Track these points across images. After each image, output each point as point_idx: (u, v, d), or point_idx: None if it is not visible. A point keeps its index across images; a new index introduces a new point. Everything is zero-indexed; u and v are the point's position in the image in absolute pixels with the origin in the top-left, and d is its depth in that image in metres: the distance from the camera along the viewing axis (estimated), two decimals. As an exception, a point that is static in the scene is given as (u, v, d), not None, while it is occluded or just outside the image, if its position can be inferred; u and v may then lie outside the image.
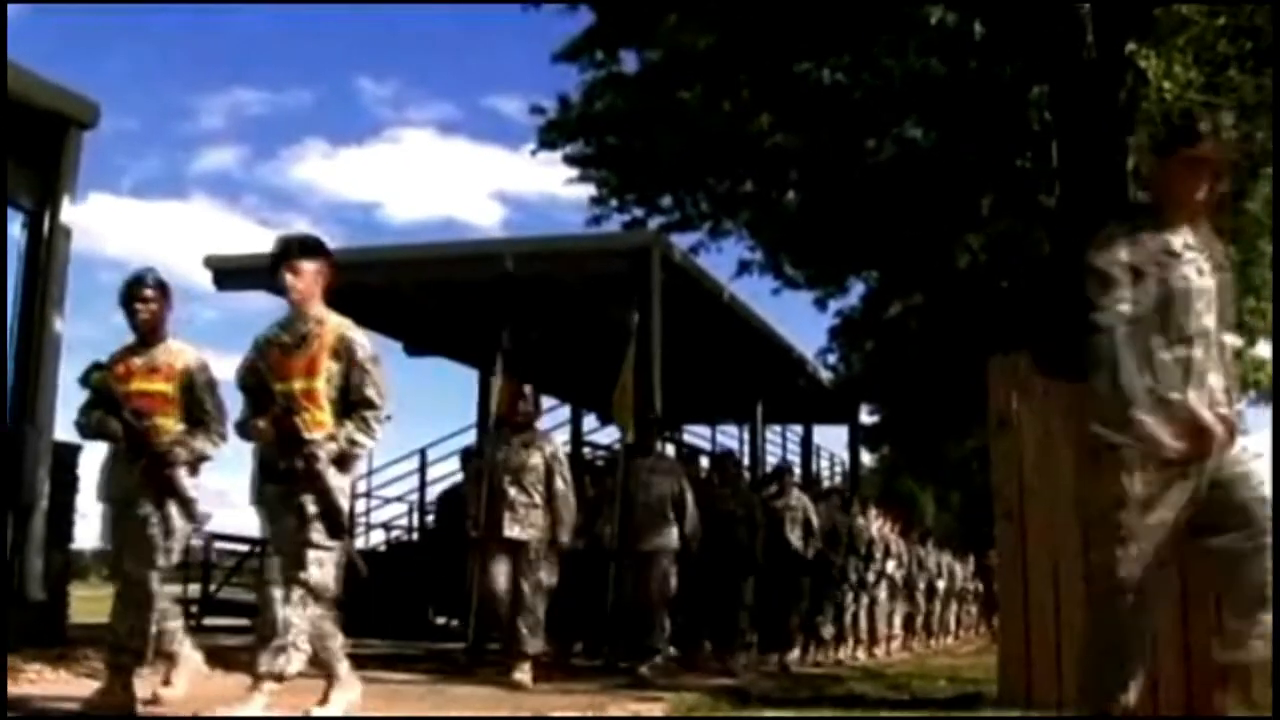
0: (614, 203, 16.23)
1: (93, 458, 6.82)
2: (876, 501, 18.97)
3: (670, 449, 10.83)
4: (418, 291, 15.16)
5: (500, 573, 8.91)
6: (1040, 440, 7.09)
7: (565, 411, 20.46)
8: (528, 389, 9.64)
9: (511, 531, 8.87)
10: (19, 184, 9.68)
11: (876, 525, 16.19)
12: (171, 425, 6.12)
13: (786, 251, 17.47)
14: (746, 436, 21.69)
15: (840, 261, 17.91)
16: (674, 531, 10.07)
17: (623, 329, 14.31)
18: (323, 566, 5.44)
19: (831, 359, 22.44)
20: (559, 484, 9.00)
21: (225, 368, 6.18)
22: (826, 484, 23.18)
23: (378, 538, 19.16)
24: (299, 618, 5.34)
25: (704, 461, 13.87)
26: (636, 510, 10.07)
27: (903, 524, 17.29)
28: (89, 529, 9.46)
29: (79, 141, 9.99)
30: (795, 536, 12.42)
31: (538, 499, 8.96)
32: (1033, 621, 7.07)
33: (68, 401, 8.54)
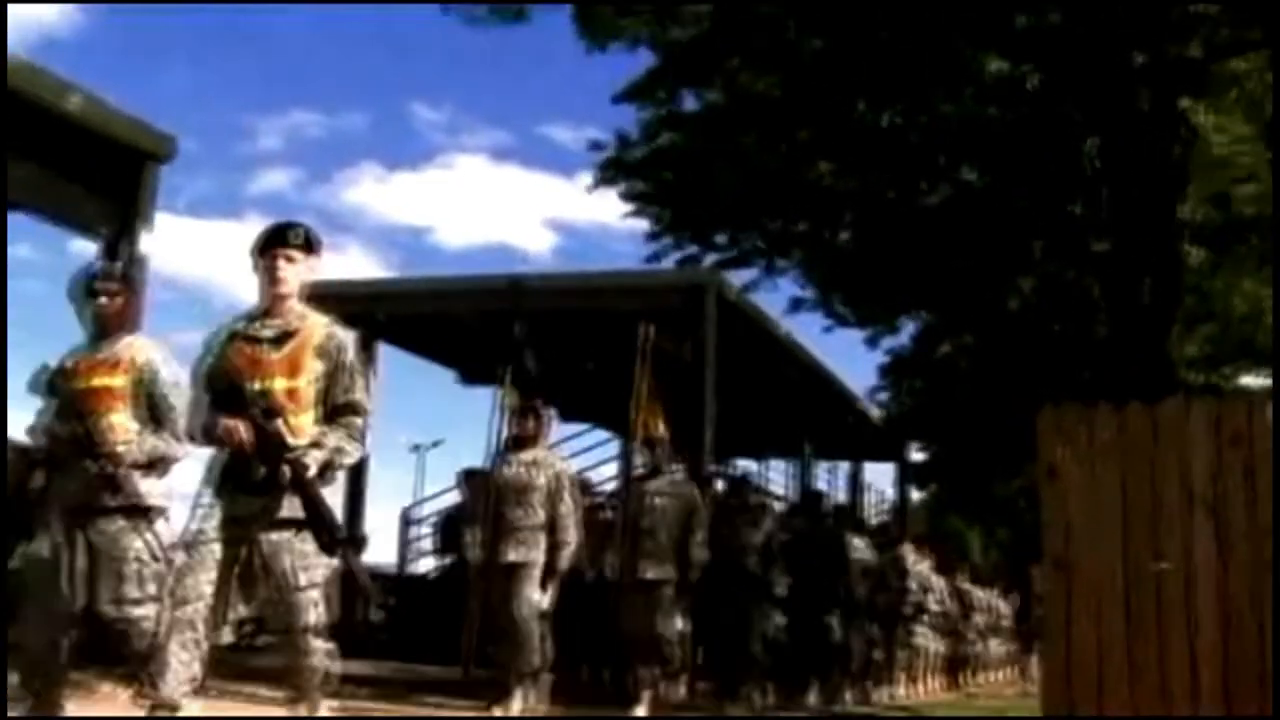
0: (669, 239, 16.46)
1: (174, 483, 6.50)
2: (914, 538, 18.99)
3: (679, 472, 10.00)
4: (473, 321, 15.41)
5: (502, 596, 8.37)
6: (1087, 489, 7.21)
7: (616, 445, 20.65)
8: (538, 403, 9.07)
9: (511, 555, 8.36)
10: (97, 214, 10.03)
11: (912, 560, 16.18)
12: (124, 423, 5.53)
13: (838, 290, 17.66)
14: (796, 472, 21.81)
15: (891, 301, 18.08)
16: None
17: (676, 363, 14.57)
18: (320, 603, 4.86)
19: (881, 396, 22.63)
20: (561, 506, 8.44)
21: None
22: (874, 521, 23.26)
23: (428, 564, 19.38)
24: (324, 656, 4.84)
25: (719, 484, 12.95)
26: (640, 538, 9.33)
27: (940, 559, 17.23)
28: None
29: (156, 174, 10.31)
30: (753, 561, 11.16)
31: (540, 521, 8.42)
32: (1075, 663, 7.19)
33: None
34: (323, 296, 16.40)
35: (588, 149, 16.09)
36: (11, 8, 9.34)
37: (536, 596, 8.24)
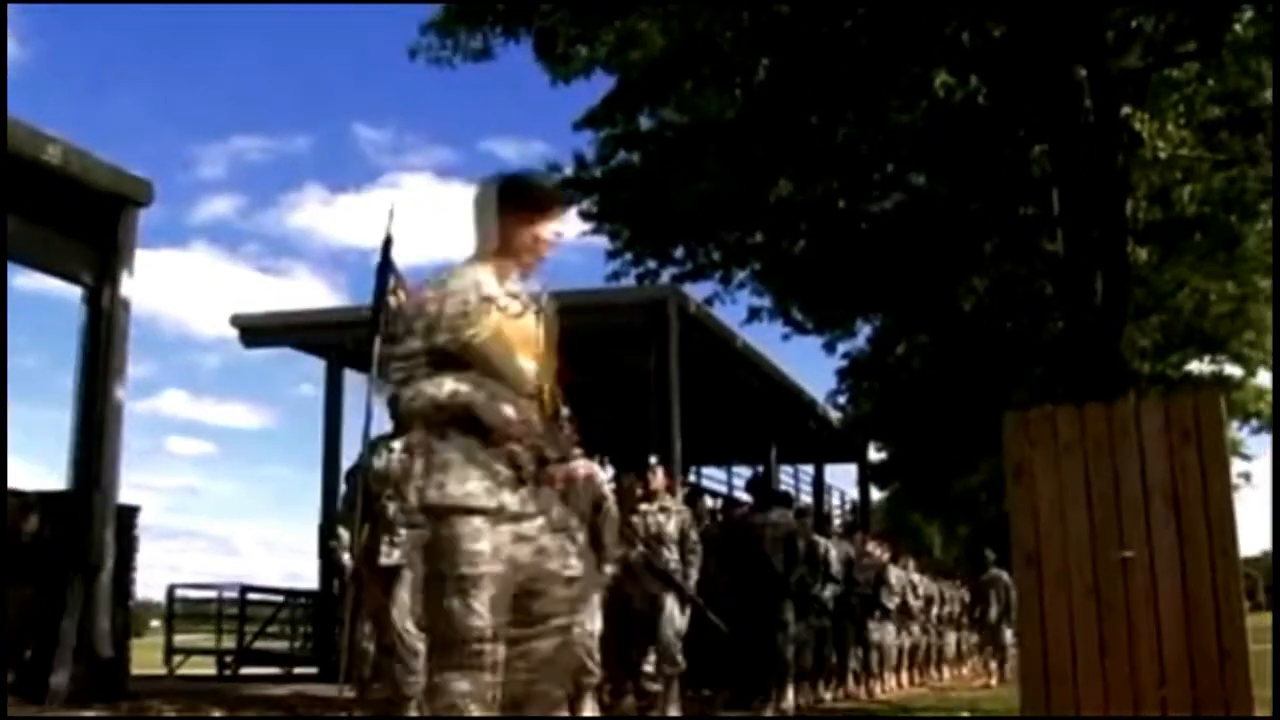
0: (628, 255, 16.77)
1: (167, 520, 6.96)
2: (875, 534, 19.19)
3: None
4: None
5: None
6: (1052, 486, 7.60)
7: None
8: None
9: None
10: (79, 260, 10.27)
11: (876, 555, 16.37)
12: None
13: (795, 298, 18.03)
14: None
15: (847, 305, 18.47)
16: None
17: (640, 377, 14.92)
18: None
19: (841, 400, 23.07)
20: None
21: (232, 413, 6.17)
22: (838, 520, 23.66)
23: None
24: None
25: (709, 501, 13.39)
26: None
27: (892, 550, 17.39)
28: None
29: (135, 218, 10.55)
30: (775, 559, 11.15)
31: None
32: (1051, 656, 7.57)
33: (130, 465, 8.81)
34: (289, 326, 16.64)
35: (547, 170, 16.37)
36: None
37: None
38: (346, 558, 7.92)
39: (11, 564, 9.47)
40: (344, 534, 8.13)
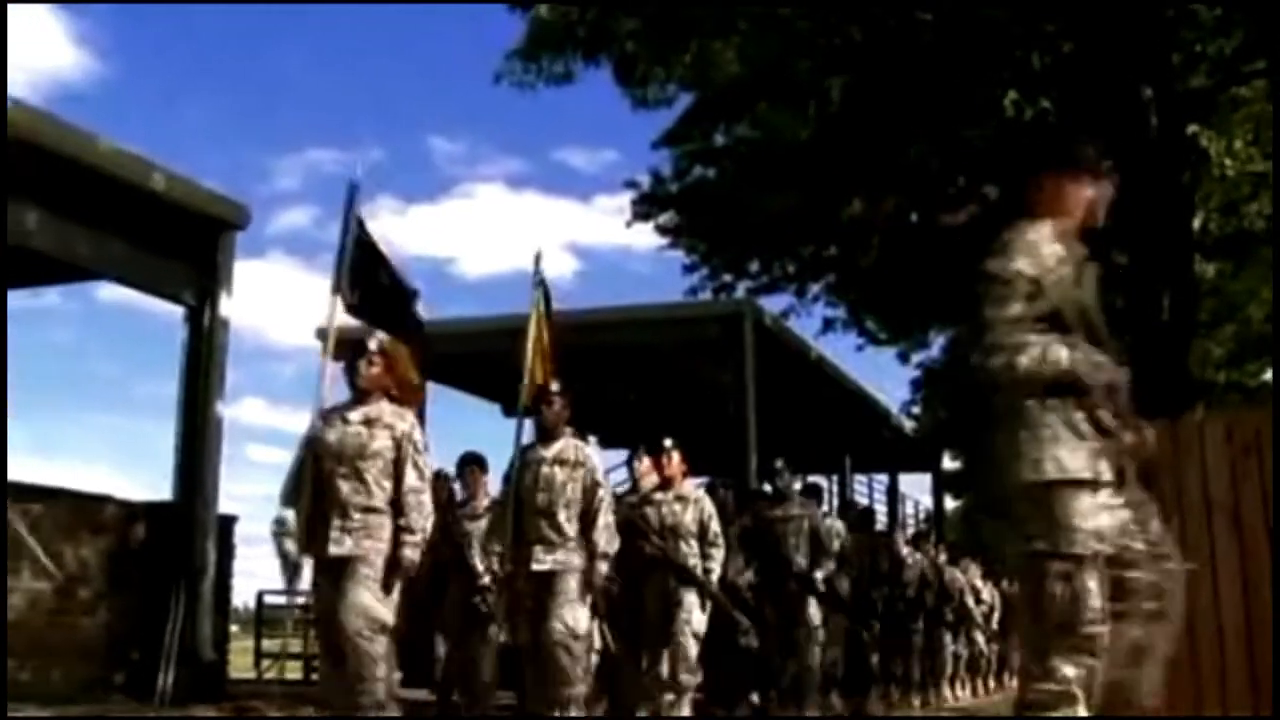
0: (704, 269, 17.10)
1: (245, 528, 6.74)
2: (948, 544, 19.12)
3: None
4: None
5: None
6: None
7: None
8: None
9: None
10: (181, 281, 10.78)
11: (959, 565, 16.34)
12: None
13: (869, 309, 18.26)
14: (836, 487, 22.36)
15: (921, 316, 18.66)
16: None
17: (717, 389, 15.22)
18: None
19: (915, 410, 23.25)
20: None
21: (306, 422, 6.22)
22: (911, 529, 23.79)
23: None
24: None
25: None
26: (532, 519, 7.25)
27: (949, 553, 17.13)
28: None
29: (233, 241, 11.06)
30: (800, 555, 10.02)
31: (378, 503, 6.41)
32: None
33: (232, 477, 8.88)
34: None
35: (623, 187, 16.75)
36: (29, 61, 10.11)
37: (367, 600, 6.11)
38: (291, 545, 7.46)
39: (119, 572, 10.01)
40: (289, 517, 7.25)
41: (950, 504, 29.63)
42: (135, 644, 9.94)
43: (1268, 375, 22.40)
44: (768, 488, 11.00)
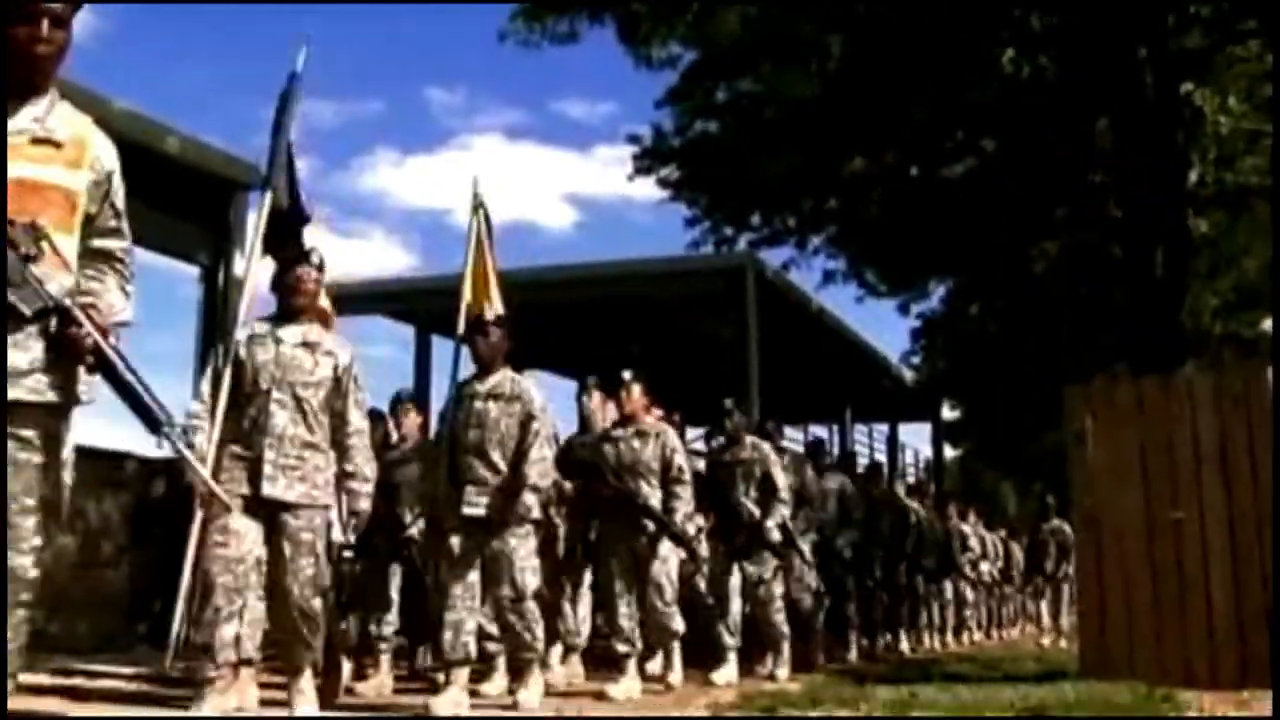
0: (706, 223, 17.30)
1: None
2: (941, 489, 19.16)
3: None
4: (521, 312, 16.29)
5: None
6: (1110, 452, 8.13)
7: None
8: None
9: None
10: (195, 243, 10.99)
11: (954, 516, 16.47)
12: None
13: (870, 262, 18.46)
14: (837, 438, 22.62)
15: (921, 267, 18.86)
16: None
17: (719, 341, 15.45)
18: None
19: (915, 360, 23.52)
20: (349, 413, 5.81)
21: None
22: (910, 478, 24.07)
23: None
24: None
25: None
26: (465, 459, 6.62)
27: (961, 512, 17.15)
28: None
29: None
30: (750, 500, 8.89)
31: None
32: (1109, 610, 8.10)
33: None
34: (375, 295, 17.17)
35: (625, 140, 16.91)
36: None
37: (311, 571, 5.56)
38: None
39: (141, 526, 10.27)
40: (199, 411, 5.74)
41: (949, 453, 29.99)
42: (157, 595, 10.20)
43: (1265, 324, 22.64)
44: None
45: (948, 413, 26.47)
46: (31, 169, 3.29)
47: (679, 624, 7.73)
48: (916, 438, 54.83)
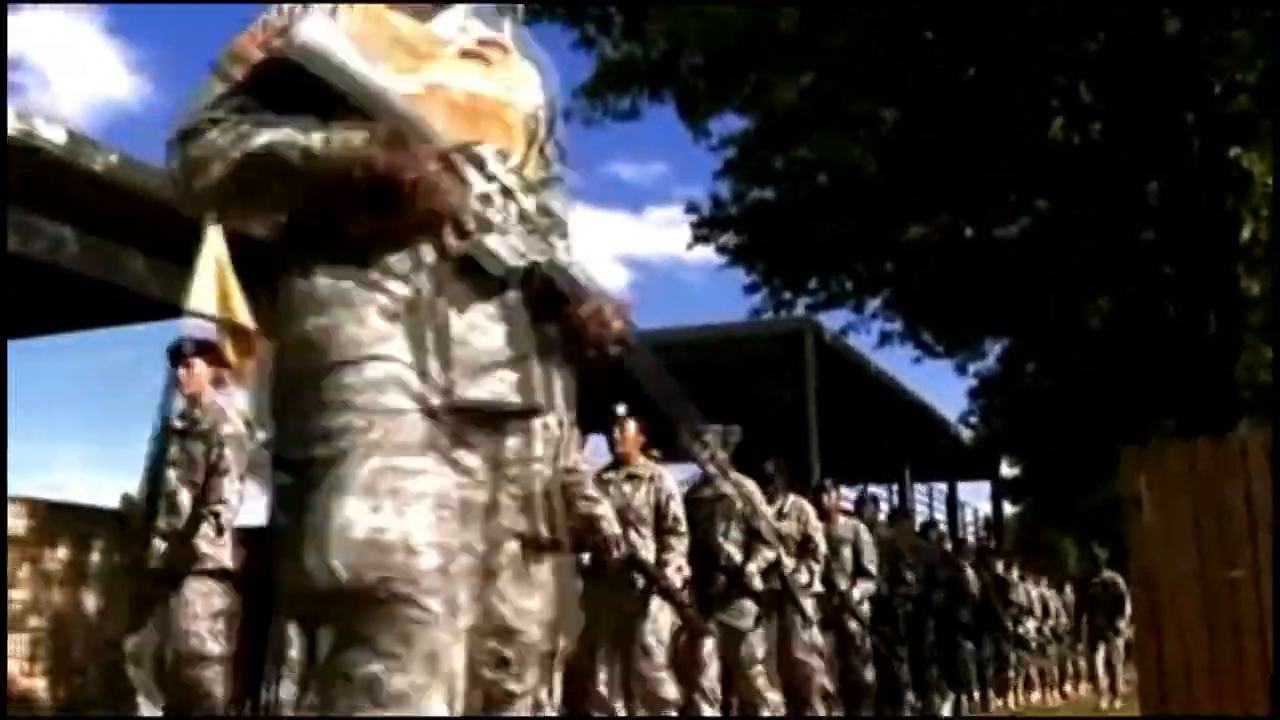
0: (765, 289, 17.52)
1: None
2: (1007, 553, 19.12)
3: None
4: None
5: None
6: (1165, 519, 8.29)
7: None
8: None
9: None
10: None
11: (1015, 575, 16.47)
12: None
13: (924, 323, 18.61)
14: (895, 497, 22.75)
15: (976, 327, 18.97)
16: None
17: (779, 405, 15.70)
18: None
19: (972, 419, 23.63)
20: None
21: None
22: (971, 538, 24.12)
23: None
24: None
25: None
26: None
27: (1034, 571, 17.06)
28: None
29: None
30: (731, 542, 8.10)
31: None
32: (1167, 671, 8.25)
33: None
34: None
35: (684, 211, 17.20)
36: (91, 90, 10.59)
37: None
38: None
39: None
40: None
41: (1009, 510, 29.97)
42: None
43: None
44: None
45: (1007, 469, 26.51)
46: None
47: (672, 690, 6.92)
48: (975, 496, 54.59)
